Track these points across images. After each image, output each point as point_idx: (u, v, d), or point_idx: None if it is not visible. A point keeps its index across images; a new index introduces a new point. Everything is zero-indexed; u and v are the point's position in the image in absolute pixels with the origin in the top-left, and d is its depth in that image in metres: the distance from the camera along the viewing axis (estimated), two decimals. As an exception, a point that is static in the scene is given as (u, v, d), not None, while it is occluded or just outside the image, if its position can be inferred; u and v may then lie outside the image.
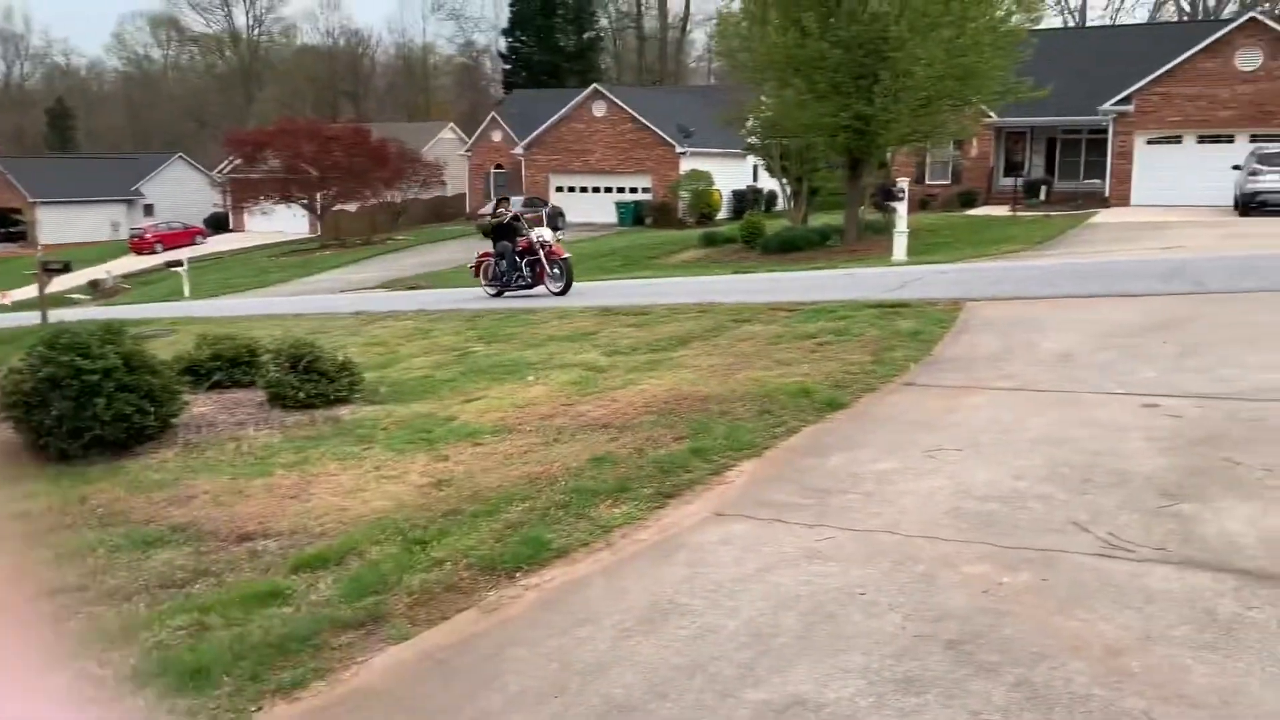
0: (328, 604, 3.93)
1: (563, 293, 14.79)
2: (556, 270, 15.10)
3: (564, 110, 44.68)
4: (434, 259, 33.85)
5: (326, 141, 43.18)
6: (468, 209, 51.77)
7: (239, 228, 54.31)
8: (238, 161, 47.21)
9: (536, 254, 15.19)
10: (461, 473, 5.68)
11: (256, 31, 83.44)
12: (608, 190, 44.18)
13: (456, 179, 53.50)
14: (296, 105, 69.41)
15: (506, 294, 15.40)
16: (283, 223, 49.68)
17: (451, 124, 61.00)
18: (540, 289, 15.23)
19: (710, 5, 62.02)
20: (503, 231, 15.53)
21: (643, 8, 72.54)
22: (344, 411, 7.62)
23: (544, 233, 15.67)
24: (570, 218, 43.36)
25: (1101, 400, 5.95)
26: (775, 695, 2.99)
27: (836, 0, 20.87)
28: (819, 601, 3.59)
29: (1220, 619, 3.22)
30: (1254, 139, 29.76)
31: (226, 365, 8.88)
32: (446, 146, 55.25)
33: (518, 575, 4.08)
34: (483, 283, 16.14)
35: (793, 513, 4.52)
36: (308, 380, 7.76)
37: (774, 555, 4.04)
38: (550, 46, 64.23)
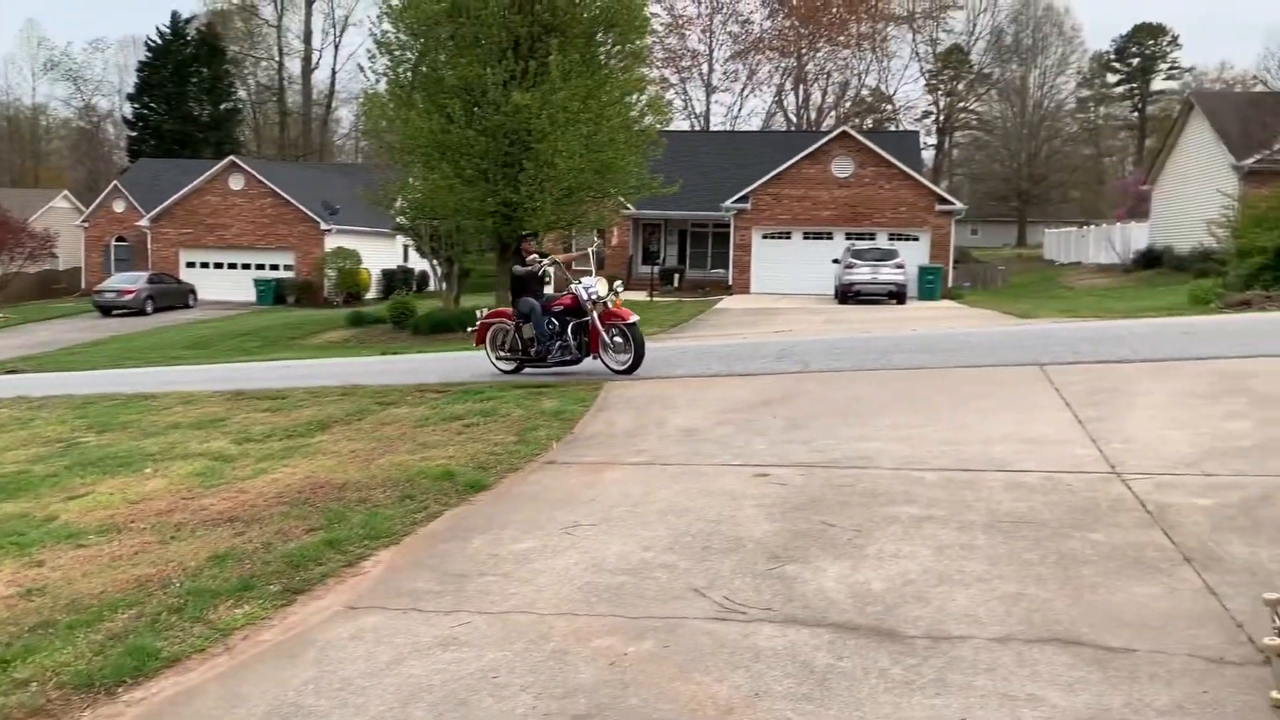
0: None
1: (629, 370, 10.66)
2: (618, 338, 10.88)
3: (197, 181, 42.12)
4: (39, 339, 30.34)
5: (-95, 206, 37.70)
6: (83, 284, 47.11)
7: None
8: None
9: (585, 314, 10.96)
10: (58, 579, 5.07)
11: None
12: (245, 266, 41.95)
13: (71, 251, 48.59)
14: None
15: (533, 369, 11.29)
16: None
17: (66, 192, 55.46)
18: (589, 363, 11.11)
19: (355, 85, 61.56)
20: (528, 284, 11.35)
21: (285, 82, 70.43)
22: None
23: (594, 285, 11.00)
24: (205, 295, 40.68)
25: (720, 471, 6.42)
26: (403, 792, 2.89)
27: (481, 90, 21.44)
28: (451, 690, 3.54)
29: (816, 671, 3.55)
30: (849, 236, 33.98)
31: None
32: (59, 216, 50.12)
33: (119, 690, 3.68)
34: (492, 354, 11.77)
35: (430, 600, 4.45)
36: None
37: (408, 646, 3.95)
38: (183, 115, 60.45)
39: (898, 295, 28.51)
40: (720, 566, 4.66)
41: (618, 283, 11.61)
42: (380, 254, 42.07)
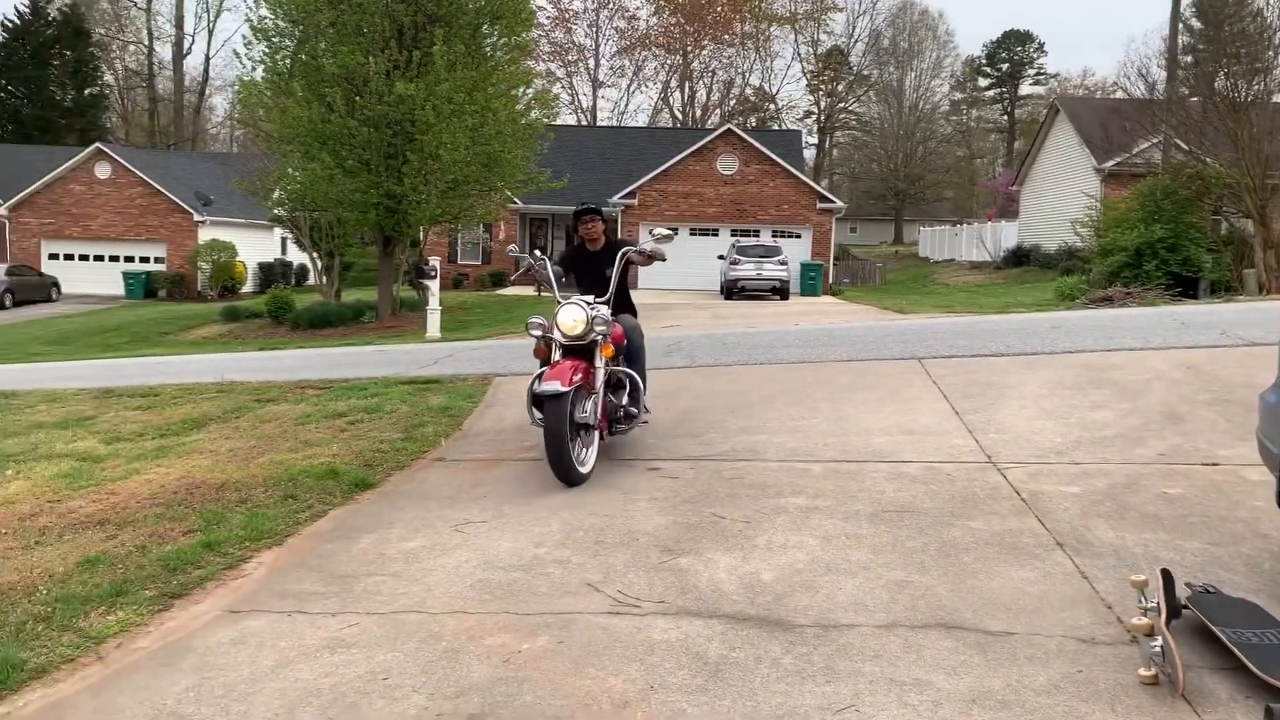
0: None
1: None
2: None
3: (61, 169, 40.00)
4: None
5: None
6: (-67, 276, 44.29)
7: None
8: None
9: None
10: (-92, 591, 4.75)
11: None
12: (114, 259, 40.08)
13: (-83, 241, 45.63)
14: None
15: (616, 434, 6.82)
16: None
17: (-89, 177, 52.05)
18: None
19: (231, 72, 59.49)
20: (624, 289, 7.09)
21: (156, 68, 67.51)
22: None
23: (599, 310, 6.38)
24: (69, 288, 38.72)
25: (612, 466, 6.43)
26: (291, 800, 2.81)
27: (363, 80, 20.98)
28: (341, 693, 3.45)
29: (710, 662, 3.58)
30: (734, 233, 34.44)
31: None
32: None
33: (-20, 707, 3.47)
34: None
35: (315, 601, 4.33)
36: None
37: (293, 649, 3.83)
38: (44, 100, 57.38)
39: (781, 291, 29.05)
40: (614, 561, 4.66)
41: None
42: (257, 247, 40.74)
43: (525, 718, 3.20)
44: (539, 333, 6.34)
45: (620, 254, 6.84)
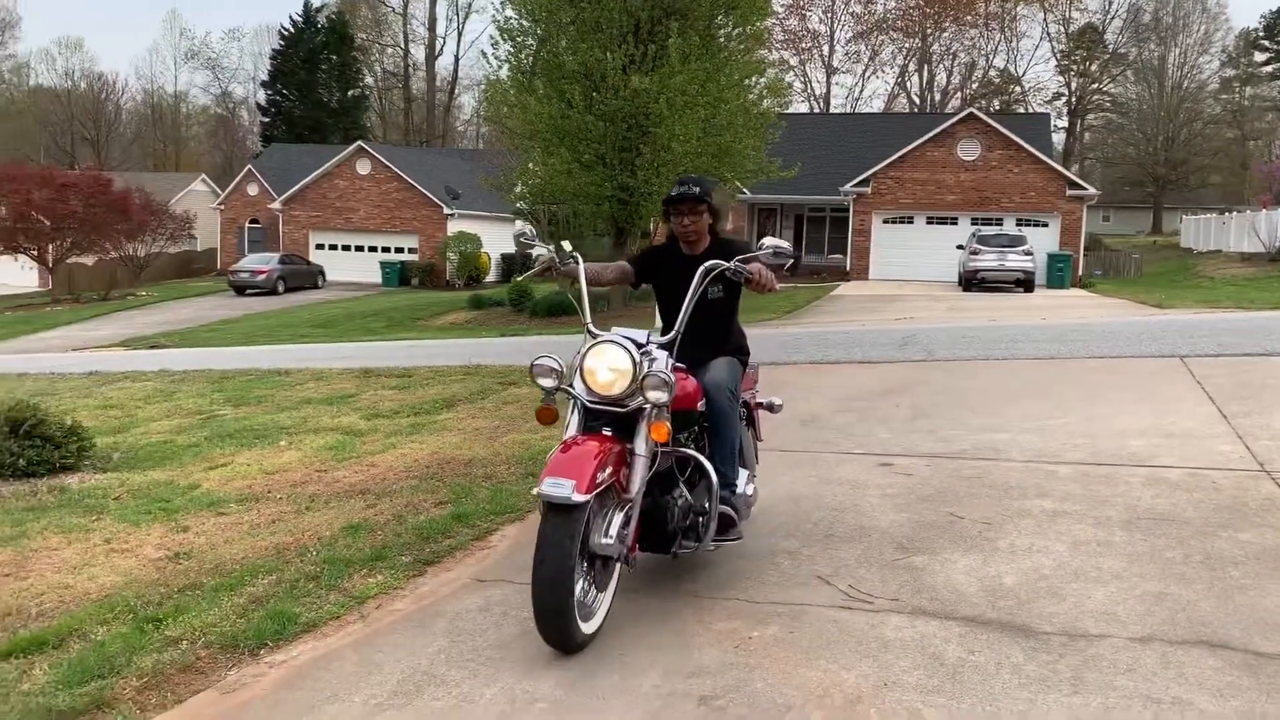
0: (43, 692, 3.55)
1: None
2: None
3: (326, 166, 43.53)
4: (180, 316, 31.85)
5: (61, 189, 39.84)
6: (219, 264, 49.31)
7: (-46, 279, 49.15)
8: (-44, 208, 42.78)
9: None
10: (203, 544, 5.32)
11: (-18, 68, 76.63)
12: (372, 249, 43.24)
13: (208, 233, 50.88)
14: (28, 149, 63.95)
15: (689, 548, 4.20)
16: (7, 275, 45.51)
17: (204, 176, 58.10)
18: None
19: (478, 71, 62.67)
20: (724, 317, 4.88)
21: (410, 69, 72.21)
22: (72, 480, 6.98)
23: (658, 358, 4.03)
24: (333, 276, 42.05)
25: (840, 459, 6.33)
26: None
27: (600, 75, 21.55)
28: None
29: (947, 664, 3.47)
30: (974, 221, 33.01)
31: (-70, 431, 7.94)
32: (198, 199, 52.47)
33: (261, 652, 3.84)
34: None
35: (554, 576, 4.51)
36: (29, 446, 7.07)
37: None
38: (313, 101, 62.68)
39: (1025, 283, 27.56)
40: (844, 555, 4.60)
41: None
42: (500, 238, 42.72)
43: (756, 705, 3.22)
44: (549, 382, 4.02)
45: (704, 270, 4.22)
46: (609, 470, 3.62)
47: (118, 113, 77.79)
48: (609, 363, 3.85)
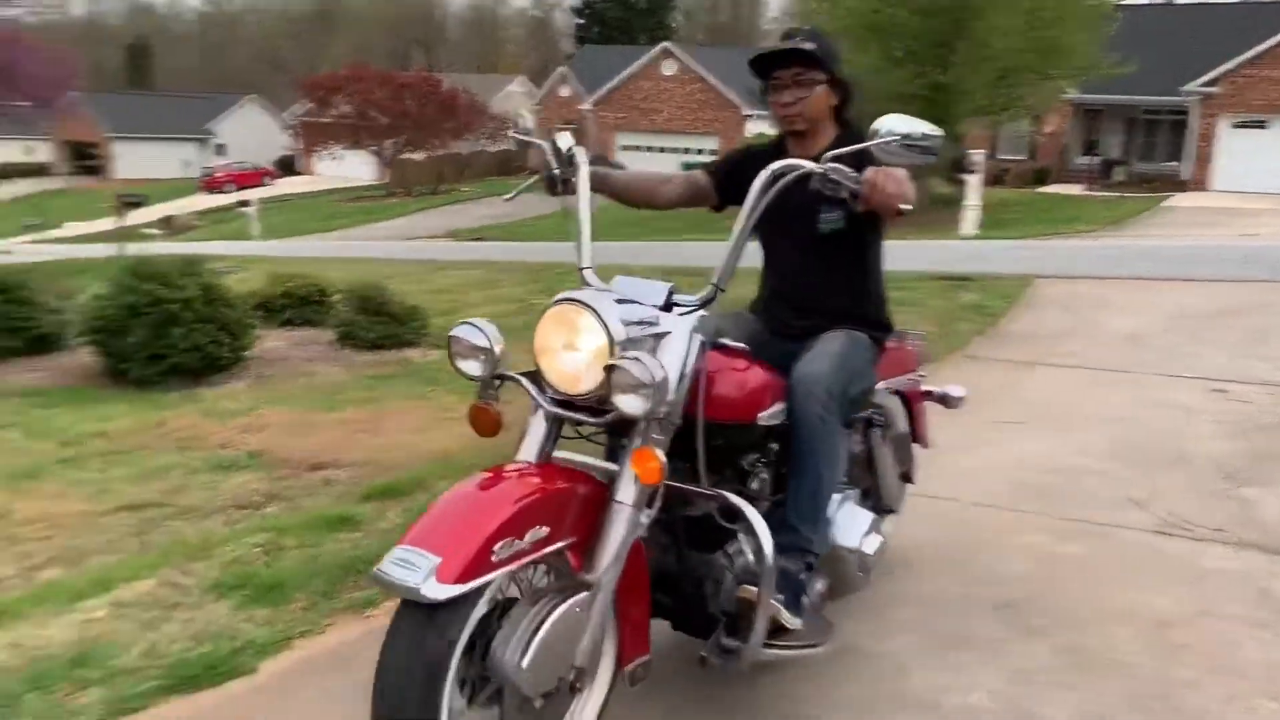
0: (396, 532, 4.08)
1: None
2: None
3: (633, 68, 44.45)
4: (499, 211, 34.03)
5: (398, 89, 43.42)
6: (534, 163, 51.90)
7: (307, 171, 55.06)
8: (310, 105, 47.68)
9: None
10: (522, 418, 5.81)
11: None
12: (674, 151, 43.98)
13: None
14: (368, 52, 69.85)
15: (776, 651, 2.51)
16: (351, 168, 50.20)
17: (521, 77, 61.02)
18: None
19: (787, -34, 61.18)
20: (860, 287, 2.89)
21: (718, -34, 71.63)
22: (413, 354, 7.81)
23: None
24: (635, 177, 43.27)
25: (1166, 382, 5.90)
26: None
27: (917, -35, 20.50)
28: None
29: (1275, 598, 3.24)
30: (1345, 127, 28.79)
31: (297, 303, 9.13)
32: (515, 100, 55.31)
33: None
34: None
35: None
36: (378, 322, 7.96)
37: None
38: (623, 2, 63.81)
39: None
40: (1163, 481, 4.34)
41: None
42: (799, 139, 42.23)
43: (1051, 615, 3.16)
44: (474, 366, 2.32)
45: (768, 176, 2.32)
46: (541, 533, 1.96)
47: (445, 16, 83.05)
48: (570, 337, 2.19)
